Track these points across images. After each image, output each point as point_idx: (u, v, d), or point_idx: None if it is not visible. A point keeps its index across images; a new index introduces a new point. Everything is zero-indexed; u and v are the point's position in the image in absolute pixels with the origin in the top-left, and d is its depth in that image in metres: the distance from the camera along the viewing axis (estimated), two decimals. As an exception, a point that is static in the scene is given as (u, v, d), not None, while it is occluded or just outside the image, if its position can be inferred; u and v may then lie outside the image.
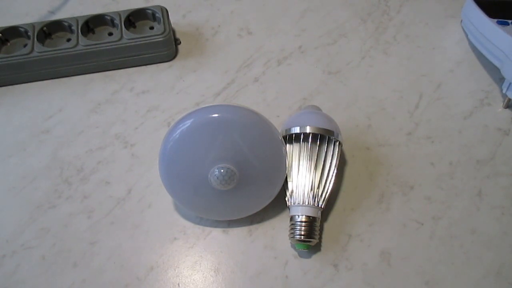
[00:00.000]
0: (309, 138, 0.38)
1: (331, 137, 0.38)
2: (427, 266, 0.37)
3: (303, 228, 0.36)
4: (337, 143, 0.38)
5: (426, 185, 0.41)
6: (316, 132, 0.38)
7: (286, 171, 0.37)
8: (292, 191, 0.37)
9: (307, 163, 0.38)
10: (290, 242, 0.38)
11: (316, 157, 0.38)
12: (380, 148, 0.43)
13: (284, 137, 0.39)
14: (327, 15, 0.55)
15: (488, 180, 0.41)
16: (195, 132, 0.35)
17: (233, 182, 0.36)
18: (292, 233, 0.36)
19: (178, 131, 0.35)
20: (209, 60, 0.51)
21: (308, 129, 0.38)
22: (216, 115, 0.35)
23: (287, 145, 0.39)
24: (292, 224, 0.37)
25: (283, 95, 0.48)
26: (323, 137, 0.38)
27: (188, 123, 0.35)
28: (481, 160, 0.43)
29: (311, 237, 0.36)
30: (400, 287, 0.36)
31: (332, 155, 0.38)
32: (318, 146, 0.38)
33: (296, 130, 0.38)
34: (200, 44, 0.52)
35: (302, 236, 0.36)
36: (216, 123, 0.35)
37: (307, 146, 0.38)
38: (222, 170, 0.35)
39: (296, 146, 0.38)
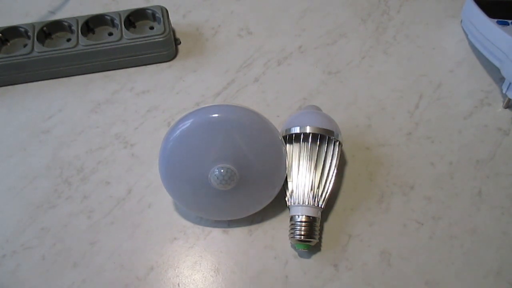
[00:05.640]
0: (309, 138, 0.38)
1: (331, 137, 0.38)
2: (427, 266, 0.37)
3: (303, 228, 0.36)
4: (337, 143, 0.38)
5: (426, 185, 0.41)
6: (316, 132, 0.38)
7: (286, 171, 0.37)
8: (292, 191, 0.37)
9: (307, 163, 0.38)
10: (290, 242, 0.38)
11: (316, 157, 0.38)
12: (380, 148, 0.43)
13: (284, 137, 0.39)
14: (327, 15, 0.55)
15: (488, 180, 0.41)
16: (195, 132, 0.35)
17: (233, 182, 0.36)
18: (292, 233, 0.36)
19: (178, 131, 0.35)
20: (209, 60, 0.51)
21: (308, 129, 0.38)
22: (216, 115, 0.35)
23: (287, 145, 0.39)
24: (292, 224, 0.37)
25: (283, 95, 0.48)
26: (323, 137, 0.38)
27: (188, 123, 0.35)
28: (481, 160, 0.43)
29: (311, 237, 0.36)
30: (400, 287, 0.36)
31: (332, 155, 0.38)
32: (318, 146, 0.38)
33: (296, 130, 0.38)
34: (200, 44, 0.52)
35: (302, 236, 0.36)
36: (216, 123, 0.35)
37: (307, 146, 0.38)
38: (222, 170, 0.35)
39: (296, 146, 0.38)
